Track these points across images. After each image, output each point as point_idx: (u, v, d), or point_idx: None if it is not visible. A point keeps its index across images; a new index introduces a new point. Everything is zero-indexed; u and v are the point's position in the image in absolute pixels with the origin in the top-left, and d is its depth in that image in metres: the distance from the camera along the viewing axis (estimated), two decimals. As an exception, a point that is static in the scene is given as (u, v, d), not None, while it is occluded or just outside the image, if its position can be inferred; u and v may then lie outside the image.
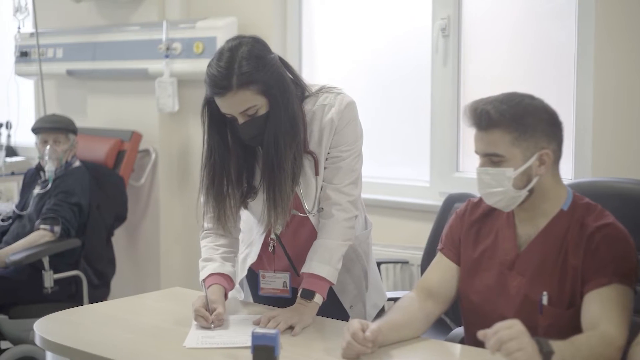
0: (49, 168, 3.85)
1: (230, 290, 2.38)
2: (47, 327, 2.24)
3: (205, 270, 2.38)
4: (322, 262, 2.30)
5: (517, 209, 2.10)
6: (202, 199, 2.46)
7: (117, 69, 4.23)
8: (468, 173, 3.49)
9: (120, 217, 4.10)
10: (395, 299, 2.94)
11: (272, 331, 1.92)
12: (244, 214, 2.47)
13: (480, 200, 2.24)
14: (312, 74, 3.90)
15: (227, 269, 2.37)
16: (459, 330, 2.49)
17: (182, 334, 2.18)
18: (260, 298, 2.54)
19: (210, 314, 2.22)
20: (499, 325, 1.77)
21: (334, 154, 2.33)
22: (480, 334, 1.78)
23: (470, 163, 3.50)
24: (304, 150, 2.31)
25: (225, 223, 2.34)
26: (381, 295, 2.64)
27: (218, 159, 2.29)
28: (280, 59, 2.29)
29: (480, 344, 2.09)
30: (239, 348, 2.07)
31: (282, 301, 2.47)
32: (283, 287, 2.43)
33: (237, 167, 2.31)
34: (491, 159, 2.07)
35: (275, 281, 2.42)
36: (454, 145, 3.49)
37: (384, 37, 3.74)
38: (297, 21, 3.93)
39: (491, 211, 2.19)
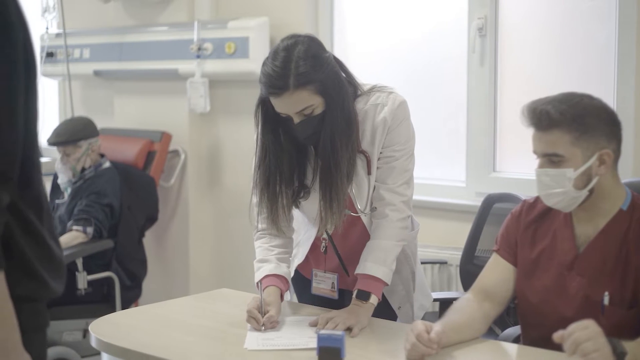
0: (61, 180, 3.89)
1: (286, 291, 2.38)
2: (102, 329, 2.22)
3: (261, 271, 2.36)
4: (377, 263, 2.29)
5: (575, 208, 2.10)
6: (254, 199, 2.45)
7: (145, 69, 4.22)
8: (505, 173, 3.48)
9: (151, 218, 4.09)
10: (438, 300, 2.96)
11: (338, 333, 1.91)
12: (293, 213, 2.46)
13: (536, 200, 2.23)
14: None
15: (282, 270, 2.37)
16: (510, 331, 2.49)
17: (239, 335, 2.17)
18: (305, 299, 2.53)
19: (263, 316, 2.22)
20: (574, 327, 1.76)
21: (386, 154, 2.32)
22: (556, 336, 1.77)
23: (507, 163, 3.49)
24: (357, 150, 2.30)
25: (278, 223, 2.33)
26: (427, 297, 2.64)
27: (273, 158, 2.28)
28: (334, 57, 2.28)
29: (537, 343, 2.10)
30: (300, 350, 2.07)
31: (327, 302, 2.47)
32: (332, 288, 2.43)
33: (289, 167, 2.31)
34: (551, 159, 2.06)
35: (325, 281, 2.42)
36: (490, 145, 3.48)
37: (416, 36, 3.73)
38: (329, 21, 3.92)
39: (548, 211, 2.19)
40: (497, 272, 2.24)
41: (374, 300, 2.28)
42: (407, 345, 1.97)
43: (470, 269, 3.20)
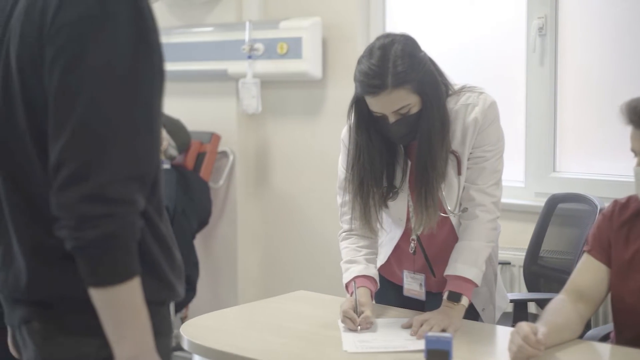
0: None
1: (375, 292, 2.36)
2: (193, 332, 2.21)
3: (350, 272, 2.35)
4: (468, 264, 2.28)
5: (671, 208, 2.09)
6: (339, 199, 2.44)
7: (192, 70, 4.20)
8: (565, 173, 3.46)
9: (203, 222, 4.07)
10: (513, 301, 2.94)
11: (447, 335, 1.90)
12: None
13: (628, 200, 2.22)
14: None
15: (371, 271, 2.36)
16: (595, 332, 2.48)
17: (333, 337, 2.16)
18: (384, 300, 2.51)
19: (358, 317, 2.21)
20: None
21: (477, 154, 2.30)
22: None
23: (566, 163, 3.48)
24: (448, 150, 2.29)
25: (371, 223, 2.32)
26: (504, 298, 2.62)
27: (367, 158, 2.26)
28: (429, 57, 2.27)
29: (632, 344, 2.09)
30: (400, 352, 2.05)
31: (407, 303, 2.46)
32: (419, 289, 2.41)
33: (381, 167, 2.29)
34: None
35: (414, 282, 2.40)
36: (550, 145, 3.46)
37: (471, 35, 3.71)
38: (381, 21, 3.89)
39: (641, 211, 2.17)
40: (590, 273, 2.23)
41: (465, 301, 2.27)
42: (512, 347, 1.96)
43: (534, 270, 3.19)
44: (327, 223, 4.03)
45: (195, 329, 2.25)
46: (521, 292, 3.35)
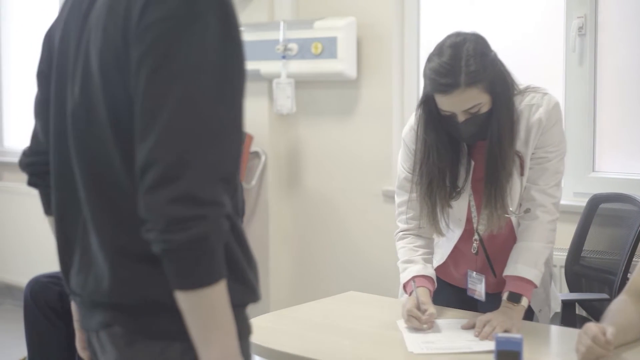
0: None
1: (433, 291, 2.36)
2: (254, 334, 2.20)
3: (408, 272, 2.36)
4: (528, 265, 2.28)
5: None
6: (397, 199, 2.44)
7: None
8: (605, 173, 3.46)
9: (236, 223, 4.05)
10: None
11: (517, 336, 1.89)
12: None
13: None
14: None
15: (429, 270, 2.37)
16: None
17: (395, 338, 2.15)
18: (439, 301, 2.48)
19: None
20: None
21: (539, 155, 2.30)
22: None
23: (606, 163, 3.47)
24: None
25: (438, 223, 2.31)
26: (557, 299, 2.63)
27: (436, 157, 2.26)
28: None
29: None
30: (466, 353, 2.05)
31: (461, 303, 2.45)
32: (480, 289, 2.41)
33: (448, 166, 2.29)
34: None
35: (476, 282, 2.40)
36: (589, 145, 3.45)
37: (508, 35, 3.70)
38: (415, 20, 3.89)
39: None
40: (651, 273, 2.22)
41: (525, 302, 2.27)
42: (581, 348, 1.95)
43: (576, 270, 3.18)
44: (359, 223, 4.03)
45: (255, 330, 2.24)
46: (562, 292, 3.34)
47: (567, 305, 2.84)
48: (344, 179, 4.07)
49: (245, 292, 1.43)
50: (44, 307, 3.57)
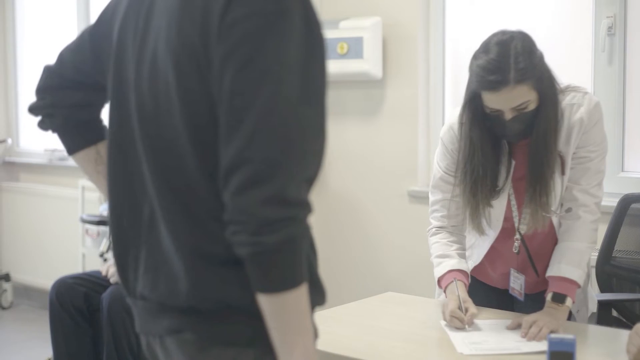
0: None
1: (467, 287, 2.35)
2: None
3: (443, 266, 2.35)
4: (572, 265, 2.27)
5: None
6: (432, 197, 2.43)
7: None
8: (634, 173, 3.45)
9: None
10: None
11: (570, 337, 1.89)
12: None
13: None
14: (457, 76, 3.86)
15: (464, 265, 2.37)
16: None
17: (442, 339, 2.14)
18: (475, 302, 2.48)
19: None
20: None
21: (581, 154, 2.29)
22: None
23: (636, 163, 3.46)
24: None
25: (481, 222, 2.30)
26: (593, 299, 2.62)
27: (481, 156, 2.25)
28: None
29: None
30: (516, 354, 2.04)
31: (497, 303, 2.44)
32: (520, 288, 2.40)
33: (491, 165, 2.28)
34: None
35: (517, 281, 2.39)
36: (619, 145, 3.44)
37: (535, 35, 3.66)
38: (441, 20, 3.88)
39: None
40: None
41: (569, 303, 2.26)
42: (632, 349, 1.95)
43: (607, 270, 3.17)
44: (384, 224, 4.01)
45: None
46: (595, 292, 3.33)
47: (604, 305, 2.84)
48: (370, 180, 4.06)
49: (316, 294, 1.40)
50: (70, 308, 3.57)
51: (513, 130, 2.19)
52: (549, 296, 2.26)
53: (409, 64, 3.89)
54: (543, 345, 2.02)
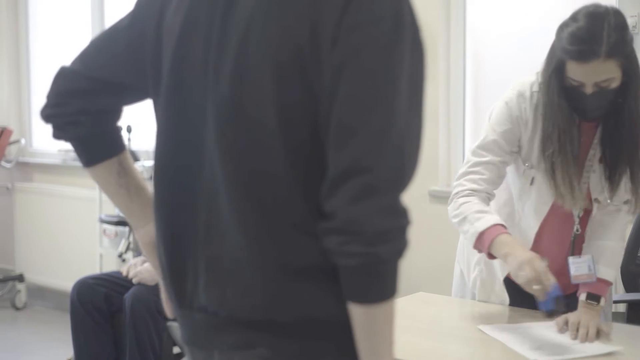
0: None
1: None
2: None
3: (485, 220, 2.18)
4: (609, 267, 2.27)
5: None
6: (476, 158, 2.31)
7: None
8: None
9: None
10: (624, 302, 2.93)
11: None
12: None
13: None
14: (477, 77, 3.86)
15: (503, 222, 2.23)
16: None
17: (491, 340, 2.11)
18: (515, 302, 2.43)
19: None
20: None
21: None
22: None
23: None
24: None
25: (575, 192, 2.20)
26: (610, 298, 2.59)
27: (561, 132, 2.17)
28: None
29: None
30: (583, 358, 2.02)
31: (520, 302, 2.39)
32: (589, 271, 2.25)
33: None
34: None
35: (582, 266, 2.26)
36: None
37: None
38: (462, 19, 3.87)
39: None
40: None
41: (603, 302, 2.25)
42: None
43: (633, 270, 3.17)
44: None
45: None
46: (618, 292, 3.33)
47: (633, 305, 2.83)
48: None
49: None
50: (91, 308, 3.57)
51: (592, 105, 2.12)
52: (583, 296, 2.23)
53: (430, 64, 3.84)
54: (608, 347, 2.03)
